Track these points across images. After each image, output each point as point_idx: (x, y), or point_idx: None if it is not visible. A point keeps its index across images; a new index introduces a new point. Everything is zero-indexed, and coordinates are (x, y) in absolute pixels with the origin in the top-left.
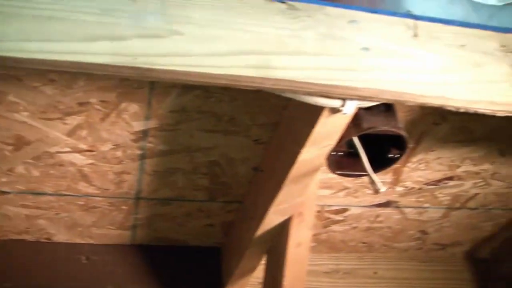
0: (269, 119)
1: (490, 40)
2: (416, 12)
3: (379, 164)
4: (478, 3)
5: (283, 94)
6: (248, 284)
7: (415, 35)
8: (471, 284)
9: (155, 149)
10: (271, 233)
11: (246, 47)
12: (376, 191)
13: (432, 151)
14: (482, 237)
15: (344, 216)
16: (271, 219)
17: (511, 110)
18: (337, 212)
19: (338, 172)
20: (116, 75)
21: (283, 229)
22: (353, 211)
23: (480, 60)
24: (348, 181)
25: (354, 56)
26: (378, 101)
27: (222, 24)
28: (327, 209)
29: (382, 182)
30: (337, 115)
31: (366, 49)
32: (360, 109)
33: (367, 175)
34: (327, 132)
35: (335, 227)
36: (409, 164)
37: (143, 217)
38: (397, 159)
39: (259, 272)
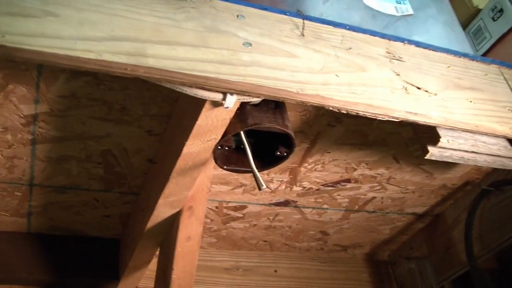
0: (161, 111)
1: (377, 46)
2: (314, 15)
3: (268, 161)
4: (378, 12)
5: (161, 84)
6: (143, 277)
7: (302, 35)
8: (369, 285)
9: (47, 135)
10: (162, 226)
11: (121, 34)
12: (259, 188)
13: (328, 152)
14: (381, 239)
15: (243, 213)
16: (161, 212)
17: (390, 115)
18: (236, 208)
19: (226, 167)
20: None
21: (173, 222)
22: (252, 208)
23: (364, 64)
24: (245, 178)
25: (234, 51)
26: (257, 97)
27: (101, 9)
28: (225, 205)
29: (279, 181)
30: (219, 109)
31: (249, 44)
32: (248, 105)
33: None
34: (210, 126)
35: (234, 224)
36: (305, 165)
37: (38, 205)
38: (285, 157)
39: (155, 265)
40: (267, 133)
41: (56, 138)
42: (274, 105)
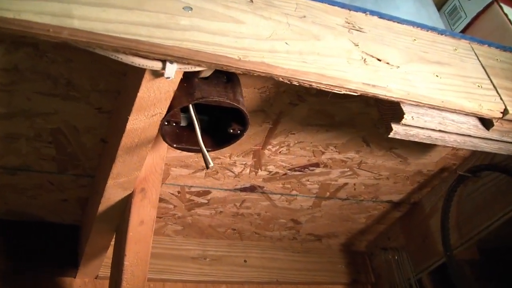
0: (110, 86)
1: (335, 15)
2: None
3: (223, 140)
4: None
5: (93, 51)
6: (103, 265)
7: (251, 1)
8: (346, 276)
9: None
10: (115, 209)
11: None
12: (206, 166)
13: (293, 134)
14: (357, 229)
15: (207, 199)
16: (111, 194)
17: (346, 87)
18: (199, 194)
19: (176, 146)
20: None
21: (126, 206)
22: (216, 194)
23: (319, 33)
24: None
25: (172, 14)
26: (197, 65)
27: None
28: (187, 190)
29: (243, 164)
30: (161, 79)
31: (189, 8)
32: (196, 78)
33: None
34: (153, 99)
35: (199, 211)
36: (269, 147)
37: None
38: (239, 135)
39: None
40: (221, 110)
41: (1, 115)
42: (226, 79)
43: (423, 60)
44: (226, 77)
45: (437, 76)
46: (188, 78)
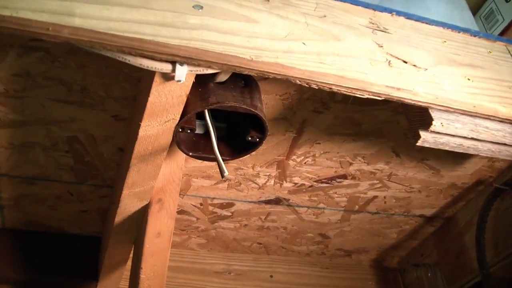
0: (125, 92)
1: (359, 16)
2: None
3: (241, 149)
4: None
5: (97, 51)
6: (124, 278)
7: (267, 0)
8: None
9: (6, 119)
10: (132, 221)
11: None
12: (222, 175)
13: (318, 143)
14: (388, 244)
15: (231, 212)
16: (127, 205)
17: (368, 90)
18: (222, 206)
19: (192, 154)
20: None
21: (143, 217)
22: (240, 206)
23: (339, 33)
24: (228, 172)
25: (180, 13)
26: (207, 66)
27: None
28: (210, 202)
29: (267, 175)
30: (172, 83)
31: (199, 6)
32: (212, 82)
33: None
34: (165, 104)
35: (223, 224)
36: (294, 157)
37: (9, 197)
38: (258, 143)
39: None
40: (240, 118)
41: (16, 123)
42: (244, 83)
43: (453, 63)
44: (243, 82)
45: (468, 79)
46: (203, 83)
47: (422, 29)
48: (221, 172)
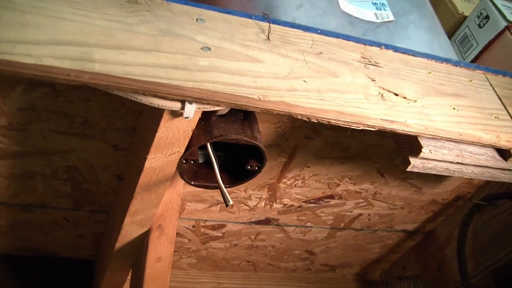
0: (126, 124)
1: (351, 51)
2: (289, 20)
3: (240, 176)
4: (356, 18)
5: (113, 93)
6: None
7: (268, 39)
8: None
9: (8, 150)
10: (132, 246)
11: (66, 38)
12: (226, 204)
13: (308, 167)
14: (371, 259)
15: (222, 233)
16: (129, 231)
17: (365, 123)
18: (214, 228)
19: (194, 183)
20: None
21: (143, 242)
22: (231, 227)
23: (336, 69)
24: (221, 195)
25: (190, 55)
26: (217, 105)
27: (46, 12)
28: (202, 224)
29: (258, 198)
30: (180, 119)
31: (207, 48)
32: (214, 116)
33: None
34: (172, 138)
35: (214, 244)
36: (285, 180)
37: (5, 224)
38: (257, 171)
39: None
40: (238, 147)
41: (18, 154)
42: (243, 116)
43: (439, 93)
44: (242, 114)
45: (454, 108)
46: (205, 116)
47: (409, 61)
48: (226, 201)
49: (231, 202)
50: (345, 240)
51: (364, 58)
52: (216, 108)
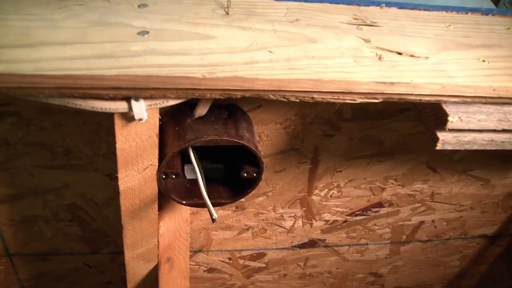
0: (111, 147)
1: (339, 14)
2: None
3: (242, 189)
4: None
5: (35, 99)
6: None
7: (227, 13)
8: None
9: None
10: (146, 286)
11: None
12: (212, 219)
13: (339, 171)
14: (453, 274)
15: (265, 263)
16: (134, 268)
17: (356, 91)
18: (253, 257)
19: (185, 202)
20: None
21: (155, 280)
22: (273, 255)
23: (314, 34)
24: (248, 218)
25: (121, 42)
26: (162, 96)
27: None
28: (238, 255)
29: (292, 216)
30: (135, 124)
31: (145, 32)
32: (190, 119)
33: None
34: (136, 148)
35: (260, 277)
36: (316, 192)
37: (28, 277)
38: (256, 178)
39: None
40: (235, 155)
41: (10, 197)
42: (227, 114)
43: (462, 46)
44: (227, 112)
45: (483, 61)
46: (180, 121)
47: (420, 17)
48: (211, 215)
49: (215, 216)
50: (413, 255)
51: (357, 19)
52: (171, 102)
